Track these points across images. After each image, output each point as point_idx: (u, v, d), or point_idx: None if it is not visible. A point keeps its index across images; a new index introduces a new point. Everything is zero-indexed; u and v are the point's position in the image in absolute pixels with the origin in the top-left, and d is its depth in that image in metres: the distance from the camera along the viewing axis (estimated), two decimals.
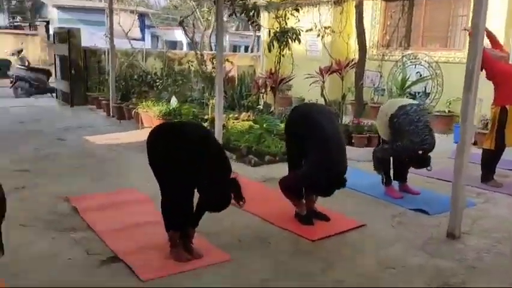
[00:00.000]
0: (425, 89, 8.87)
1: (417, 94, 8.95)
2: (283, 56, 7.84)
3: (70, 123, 8.77)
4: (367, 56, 9.38)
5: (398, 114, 4.40)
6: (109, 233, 3.58)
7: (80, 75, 11.13)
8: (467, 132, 3.51)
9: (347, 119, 7.95)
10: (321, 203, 4.04)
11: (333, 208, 4.09)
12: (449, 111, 8.19)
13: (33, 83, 12.93)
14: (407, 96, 9.03)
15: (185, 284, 2.87)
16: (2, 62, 15.94)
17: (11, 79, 13.15)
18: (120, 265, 3.09)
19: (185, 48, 21.13)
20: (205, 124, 7.02)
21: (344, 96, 8.08)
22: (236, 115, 8.37)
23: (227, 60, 10.82)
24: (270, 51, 7.76)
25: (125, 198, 4.39)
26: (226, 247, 3.38)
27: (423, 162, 4.40)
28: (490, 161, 5.14)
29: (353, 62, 8.09)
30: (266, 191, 4.70)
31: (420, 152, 4.35)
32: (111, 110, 9.66)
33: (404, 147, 4.33)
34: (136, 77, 10.73)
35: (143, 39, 16.73)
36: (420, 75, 8.94)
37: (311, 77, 8.20)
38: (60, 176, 5.13)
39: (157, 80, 10.52)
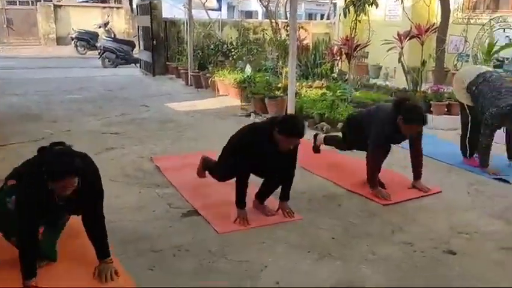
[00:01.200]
0: None
1: (505, 60, 8.33)
2: (359, 21, 7.63)
3: (152, 91, 9.30)
4: (451, 20, 8.82)
5: (477, 82, 4.27)
6: (188, 190, 3.86)
7: (161, 45, 11.65)
8: None
9: (426, 86, 7.64)
10: (400, 170, 4.03)
11: (410, 175, 4.03)
12: None
13: (119, 53, 13.72)
14: (494, 63, 8.47)
15: (258, 238, 3.04)
16: (90, 34, 17.07)
17: (99, 50, 14.06)
18: (198, 218, 3.34)
19: (260, 17, 21.17)
20: (278, 92, 7.11)
21: (423, 63, 7.73)
22: (309, 83, 8.36)
23: (301, 27, 10.77)
24: (345, 16, 7.58)
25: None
26: (298, 208, 3.50)
27: None
28: None
29: (435, 27, 7.68)
30: (338, 157, 4.74)
31: None
32: (189, 78, 10.06)
33: (493, 115, 4.10)
34: (212, 46, 11.03)
35: (219, 9, 16.95)
36: (510, 40, 8.29)
37: (388, 43, 7.93)
38: (145, 138, 5.53)
39: (232, 50, 10.74)
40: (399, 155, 4.25)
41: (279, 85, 7.62)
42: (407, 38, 7.77)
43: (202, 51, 10.82)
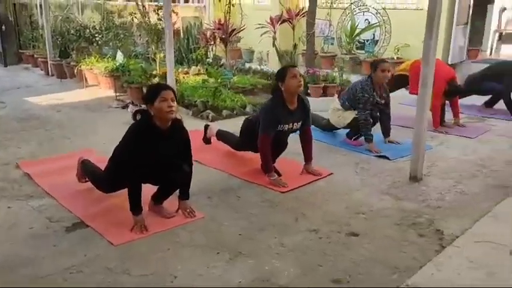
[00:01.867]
0: (374, 36, 8.94)
1: (366, 42, 9.02)
2: (233, 5, 7.56)
3: (6, 84, 8.14)
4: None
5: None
6: (69, 198, 3.40)
7: (11, 31, 10.25)
8: (429, 76, 3.57)
9: (300, 70, 7.89)
10: (293, 157, 4.05)
11: (296, 159, 4.09)
12: (397, 57, 8.34)
13: None
14: (356, 45, 9.13)
15: (160, 245, 2.79)
16: None
17: None
18: (87, 231, 2.95)
19: None
20: (156, 79, 6.73)
21: (295, 46, 8.00)
22: (186, 69, 8.10)
23: (172, 11, 10.34)
24: (220, 0, 7.42)
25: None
26: (198, 205, 3.30)
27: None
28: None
29: (304, 11, 7.95)
30: (226, 148, 4.62)
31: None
32: (49, 68, 9.02)
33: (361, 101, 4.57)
34: (73, 31, 10.00)
35: None
36: (369, 23, 8.99)
37: (262, 27, 8.03)
38: (5, 141, 4.78)
39: (97, 35, 9.88)
40: (290, 142, 4.28)
41: (155, 72, 7.23)
42: (279, 22, 7.94)
43: (62, 36, 9.76)
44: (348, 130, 4.82)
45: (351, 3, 9.20)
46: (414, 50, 7.67)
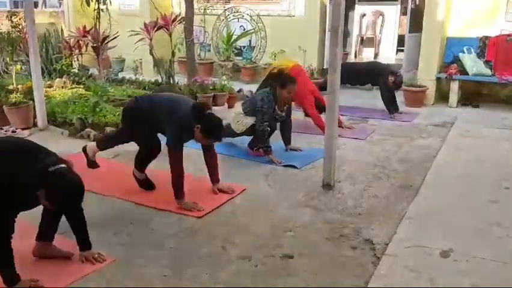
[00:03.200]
0: (250, 42, 8.96)
1: (243, 48, 9.01)
2: (102, 10, 6.86)
3: None
4: None
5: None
6: None
7: None
8: (336, 82, 3.55)
9: (181, 79, 7.54)
10: (198, 173, 3.71)
11: (201, 175, 3.77)
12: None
13: None
14: (233, 51, 9.05)
15: None
16: None
17: None
18: None
19: None
20: (16, 95, 5.75)
21: (173, 54, 7.59)
22: (49, 82, 7.17)
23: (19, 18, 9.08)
24: (88, 5, 6.67)
25: None
26: (104, 246, 2.78)
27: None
28: None
29: (181, 17, 7.58)
30: (122, 168, 4.08)
31: None
32: None
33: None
34: None
35: None
36: (244, 29, 8.98)
37: (136, 34, 7.46)
38: None
39: None
40: (194, 157, 3.93)
41: (11, 87, 6.21)
42: (155, 29, 7.46)
43: None
44: (248, 140, 4.65)
45: (225, 10, 9.10)
46: (290, 56, 7.85)
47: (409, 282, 2.48)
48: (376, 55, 10.72)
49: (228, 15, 9.09)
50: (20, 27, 7.60)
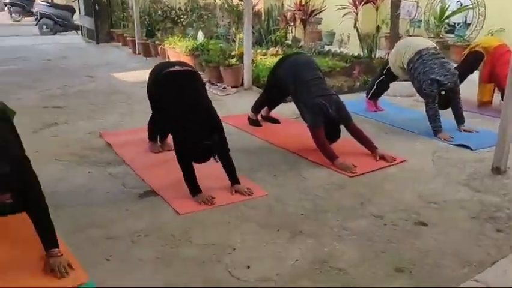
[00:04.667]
0: (466, 19, 8.31)
1: (456, 25, 8.42)
2: None
3: (96, 60, 8.71)
4: None
5: (414, 60, 4.39)
6: (144, 168, 3.57)
7: (104, 11, 10.90)
8: None
9: (382, 53, 7.58)
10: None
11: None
12: None
13: (58, 20, 12.80)
14: (445, 28, 8.55)
15: (223, 218, 2.84)
16: None
17: (36, 16, 13.04)
18: (157, 199, 3.09)
19: None
20: (233, 60, 6.80)
21: (378, 29, 7.67)
22: (264, 51, 8.11)
23: None
24: None
25: None
26: (262, 183, 3.32)
27: (447, 104, 4.37)
28: None
29: None
30: (299, 127, 4.57)
31: (442, 92, 4.26)
32: (137, 46, 9.50)
33: (430, 83, 4.24)
34: (160, 12, 10.43)
35: None
36: (461, 4, 8.35)
37: (344, 7, 7.78)
38: (91, 113, 5.12)
39: (182, 16, 10.20)
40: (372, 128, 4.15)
41: (233, 53, 7.31)
42: (362, 3, 7.64)
43: (149, 17, 10.21)
44: None
45: None
46: (510, 35, 7.02)
47: None
48: None
49: None
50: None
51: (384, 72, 4.99)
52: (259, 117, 4.72)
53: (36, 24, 12.97)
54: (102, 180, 3.38)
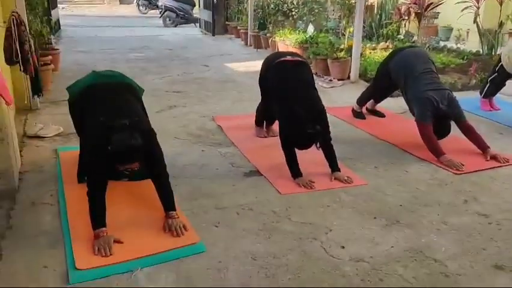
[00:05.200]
0: None
1: None
2: None
3: (212, 51, 9.29)
4: None
5: None
6: (250, 150, 3.83)
7: (221, 4, 11.53)
8: None
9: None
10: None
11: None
12: None
13: (180, 13, 13.78)
14: None
15: (322, 201, 2.98)
16: None
17: (160, 9, 14.18)
18: (261, 179, 3.32)
19: None
20: (341, 53, 6.83)
21: (501, 24, 7.15)
22: (374, 45, 8.00)
23: None
24: None
25: None
26: (363, 173, 3.40)
27: None
28: None
29: None
30: (405, 122, 4.53)
31: None
32: (249, 38, 9.93)
33: None
34: (272, 6, 10.75)
35: None
36: None
37: (463, 2, 7.37)
38: (206, 98, 5.55)
39: (293, 9, 10.41)
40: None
41: (342, 46, 7.34)
42: None
43: (262, 10, 10.59)
44: None
45: None
46: None
47: None
48: None
49: None
50: None
51: (497, 70, 4.75)
52: (364, 110, 4.75)
53: (160, 17, 14.12)
54: (213, 158, 3.70)
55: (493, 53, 6.99)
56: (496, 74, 4.76)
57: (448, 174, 3.41)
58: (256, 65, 7.71)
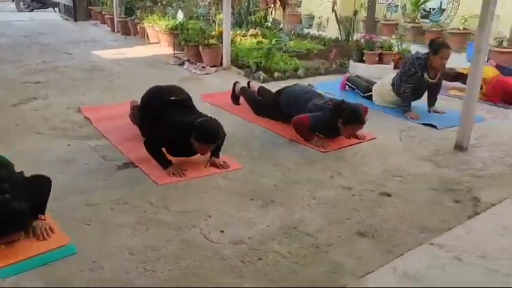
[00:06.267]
0: (441, 4, 8.52)
1: (431, 10, 8.63)
2: None
3: (75, 37, 8.65)
4: None
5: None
6: (122, 142, 3.67)
7: None
8: (483, 43, 3.43)
9: (358, 36, 7.73)
10: None
11: None
12: (464, 28, 7.93)
13: None
14: (421, 13, 8.74)
15: (200, 188, 2.98)
16: None
17: None
18: (135, 171, 3.20)
19: None
20: (213, 40, 6.86)
21: (355, 12, 7.80)
22: (244, 32, 8.18)
23: None
24: None
25: None
26: (239, 157, 3.47)
27: None
28: None
29: None
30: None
31: None
32: (115, 24, 9.44)
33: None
34: None
35: None
36: None
37: None
38: (70, 88, 5.16)
39: None
40: None
41: (213, 33, 7.37)
42: None
43: None
44: None
45: None
46: None
47: (493, 237, 2.49)
48: None
49: None
50: None
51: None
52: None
53: (13, 1, 12.71)
54: (81, 152, 3.47)
55: (350, 39, 7.60)
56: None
57: (316, 152, 3.65)
58: (125, 52, 7.42)
